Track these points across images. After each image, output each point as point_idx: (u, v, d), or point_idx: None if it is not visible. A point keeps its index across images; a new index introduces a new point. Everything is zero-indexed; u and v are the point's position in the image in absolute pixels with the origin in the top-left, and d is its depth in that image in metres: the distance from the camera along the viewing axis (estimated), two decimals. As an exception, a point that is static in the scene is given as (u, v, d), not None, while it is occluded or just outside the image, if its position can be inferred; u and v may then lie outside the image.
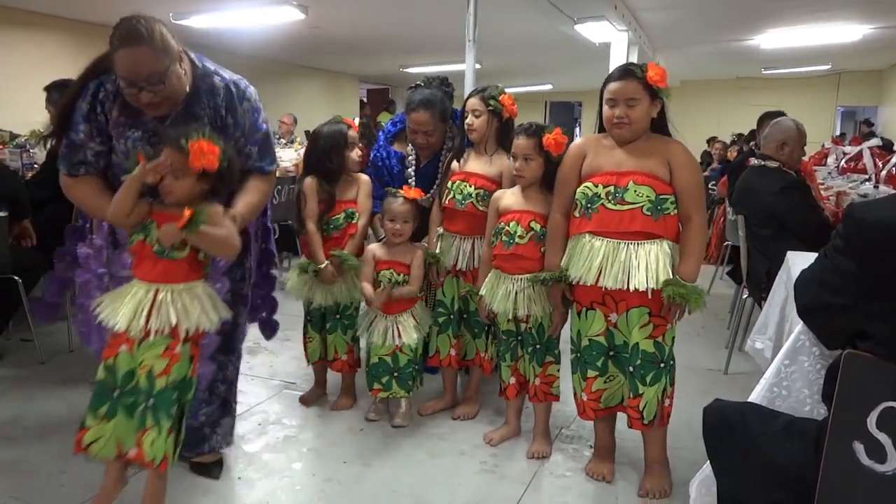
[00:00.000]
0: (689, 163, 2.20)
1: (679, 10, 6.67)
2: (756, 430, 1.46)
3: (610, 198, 2.15)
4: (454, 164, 2.78)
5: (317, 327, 2.91)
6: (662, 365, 2.21)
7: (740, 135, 9.07)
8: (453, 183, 2.72)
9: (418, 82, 3.00)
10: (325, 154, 2.75)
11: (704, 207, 2.21)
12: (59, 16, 6.97)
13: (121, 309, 1.80)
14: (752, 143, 5.04)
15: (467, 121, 2.69)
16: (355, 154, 2.80)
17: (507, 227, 2.44)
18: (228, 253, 1.89)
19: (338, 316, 2.86)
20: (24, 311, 3.26)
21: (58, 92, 3.55)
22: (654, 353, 2.19)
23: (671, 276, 2.12)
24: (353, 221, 2.79)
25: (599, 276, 2.16)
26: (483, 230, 2.64)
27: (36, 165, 4.31)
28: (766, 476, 1.39)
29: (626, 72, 2.19)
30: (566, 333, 2.42)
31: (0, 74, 6.44)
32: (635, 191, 2.12)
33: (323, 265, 2.71)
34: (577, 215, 2.25)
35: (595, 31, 6.62)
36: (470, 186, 2.67)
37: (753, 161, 3.58)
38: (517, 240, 2.40)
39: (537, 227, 2.40)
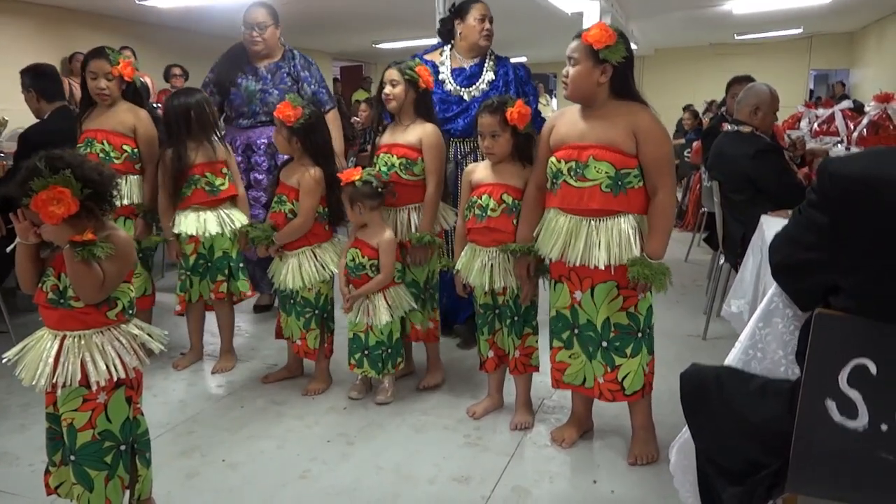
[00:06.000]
0: (655, 132, 2.12)
1: (651, -23, 6.64)
2: (732, 392, 1.47)
3: (571, 174, 2.14)
4: (379, 138, 2.83)
5: (282, 305, 2.93)
6: (640, 335, 2.22)
7: (712, 101, 9.09)
8: (378, 157, 2.77)
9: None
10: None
11: (673, 179, 2.15)
12: (22, 0, 6.79)
13: (24, 359, 1.70)
14: (723, 109, 5.05)
15: (385, 91, 2.71)
16: None
17: (479, 201, 2.43)
18: (82, 293, 1.65)
19: (292, 301, 2.84)
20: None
21: (27, 77, 3.45)
22: (629, 324, 2.20)
23: (637, 253, 2.11)
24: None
25: (564, 251, 2.16)
26: (414, 199, 2.72)
27: (1, 154, 4.21)
28: (743, 436, 1.41)
29: (577, 33, 2.16)
30: (545, 305, 2.43)
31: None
32: (595, 167, 2.09)
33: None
34: (548, 189, 2.25)
35: (566, 0, 6.56)
36: (392, 157, 2.71)
37: (727, 126, 3.59)
38: (489, 213, 2.40)
39: (509, 199, 2.39)
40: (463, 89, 3.27)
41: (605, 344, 2.22)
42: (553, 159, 2.20)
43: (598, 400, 2.33)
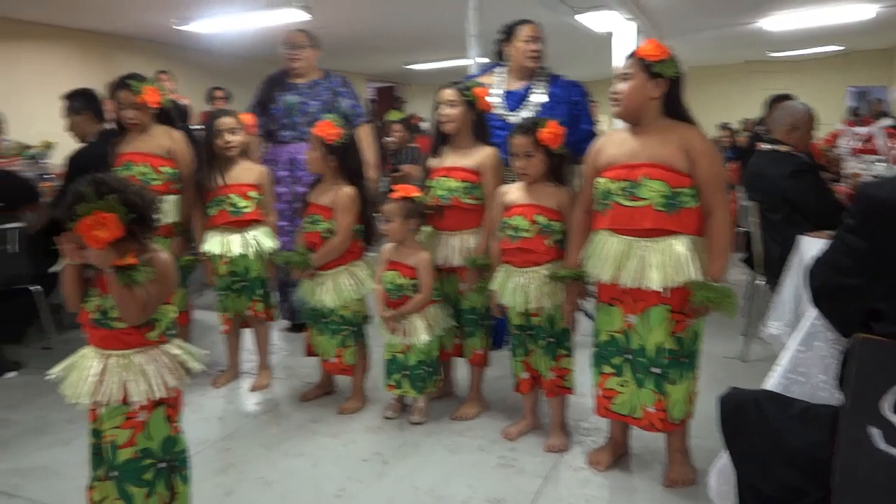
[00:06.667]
0: (708, 151, 2.10)
1: (682, -4, 6.64)
2: (772, 417, 1.46)
3: (622, 193, 2.10)
4: (433, 160, 2.78)
5: (311, 322, 2.95)
6: (686, 359, 2.18)
7: (748, 120, 9.01)
8: (435, 180, 2.71)
9: None
10: None
11: (727, 199, 2.13)
12: (63, 26, 7.03)
13: (68, 377, 1.75)
14: (760, 127, 5.00)
15: (442, 112, 2.67)
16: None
17: (512, 222, 2.44)
18: (125, 315, 1.68)
19: (325, 319, 2.87)
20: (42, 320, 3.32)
21: (80, 101, 3.56)
22: (677, 349, 2.16)
23: (696, 276, 2.06)
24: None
25: (616, 273, 2.12)
26: (470, 224, 2.68)
27: (47, 176, 4.35)
28: (783, 462, 1.39)
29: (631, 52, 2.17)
30: (585, 326, 2.42)
31: (9, 87, 6.50)
32: (648, 186, 2.06)
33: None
34: (596, 210, 2.23)
35: (597, 20, 6.59)
36: (453, 181, 2.66)
37: (763, 146, 3.55)
38: (522, 233, 2.41)
39: (542, 220, 2.40)
40: (510, 113, 3.22)
41: (655, 370, 2.17)
42: (602, 179, 2.17)
43: (647, 431, 2.27)
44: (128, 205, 1.62)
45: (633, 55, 2.13)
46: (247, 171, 3.05)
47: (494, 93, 3.24)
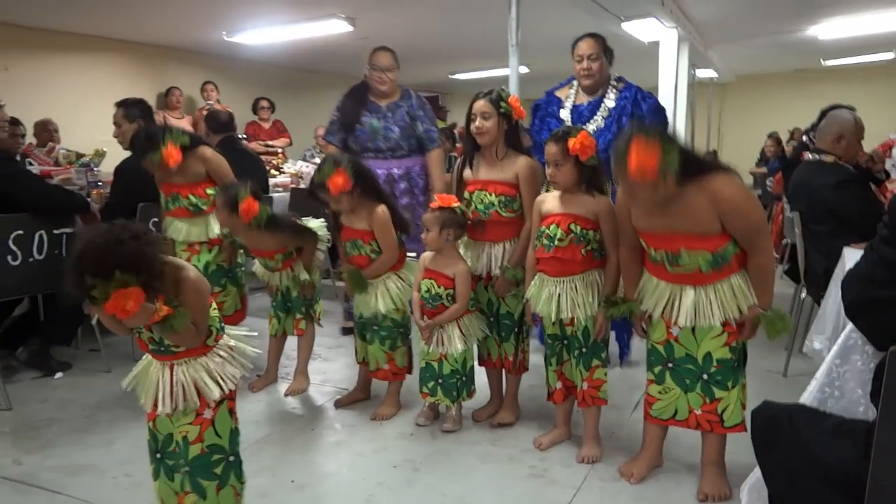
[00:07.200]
0: (740, 206, 2.01)
1: (730, 3, 6.52)
2: (804, 431, 1.42)
3: (666, 260, 2.12)
4: (466, 171, 2.78)
5: (360, 333, 2.99)
6: (737, 364, 2.19)
7: (795, 129, 8.80)
8: (471, 193, 2.72)
9: None
10: None
11: (769, 239, 2.12)
12: (120, 39, 7.27)
13: (146, 389, 1.82)
14: (809, 135, 4.87)
15: (476, 124, 2.65)
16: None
17: (547, 231, 2.43)
18: (184, 345, 1.76)
19: (375, 327, 2.90)
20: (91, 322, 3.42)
21: (131, 109, 3.67)
22: (731, 358, 2.17)
23: (752, 300, 2.09)
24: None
25: (667, 309, 2.16)
26: (511, 234, 2.68)
27: (100, 183, 4.50)
28: (815, 478, 1.36)
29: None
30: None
31: (67, 99, 6.75)
32: (689, 256, 2.06)
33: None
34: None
35: (643, 28, 6.52)
36: (490, 195, 2.67)
37: (808, 155, 3.47)
38: (557, 243, 2.40)
39: (577, 229, 2.39)
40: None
41: (705, 377, 2.19)
42: (644, 243, 2.19)
43: (695, 430, 2.27)
44: (132, 266, 1.55)
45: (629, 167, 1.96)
46: (267, 240, 3.04)
47: (566, 106, 3.35)
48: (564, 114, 3.35)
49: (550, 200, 2.50)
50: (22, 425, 2.91)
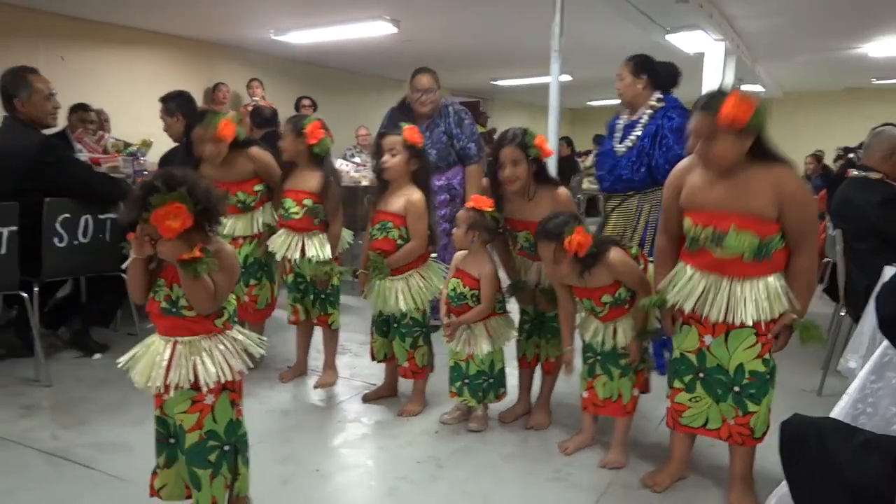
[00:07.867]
0: (801, 196, 2.02)
1: (778, 18, 6.42)
2: (833, 446, 1.40)
3: (710, 241, 2.07)
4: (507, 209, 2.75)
5: (379, 330, 2.99)
6: (769, 377, 2.15)
7: (844, 148, 8.61)
8: (518, 232, 2.73)
9: None
10: None
11: (816, 241, 2.08)
12: (172, 34, 7.45)
13: (138, 364, 1.83)
14: (855, 152, 4.77)
15: (506, 173, 2.60)
16: None
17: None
18: (196, 305, 1.77)
19: (395, 325, 2.91)
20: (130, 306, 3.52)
21: (174, 103, 3.76)
22: (764, 370, 2.13)
23: (787, 306, 2.06)
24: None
25: (700, 304, 2.12)
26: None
27: (146, 172, 4.61)
28: (841, 495, 1.34)
29: (706, 105, 2.02)
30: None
31: (118, 90, 6.94)
32: (736, 237, 2.01)
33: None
34: (684, 243, 2.21)
35: (689, 41, 6.46)
36: (528, 234, 2.67)
37: (853, 172, 3.41)
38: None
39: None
40: (619, 145, 3.33)
41: (737, 389, 2.15)
42: (689, 221, 2.14)
43: (726, 442, 2.23)
44: (196, 198, 1.68)
45: (707, 111, 2.00)
46: (308, 178, 3.08)
47: (619, 124, 3.40)
48: (617, 132, 3.38)
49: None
50: (60, 402, 3.01)
